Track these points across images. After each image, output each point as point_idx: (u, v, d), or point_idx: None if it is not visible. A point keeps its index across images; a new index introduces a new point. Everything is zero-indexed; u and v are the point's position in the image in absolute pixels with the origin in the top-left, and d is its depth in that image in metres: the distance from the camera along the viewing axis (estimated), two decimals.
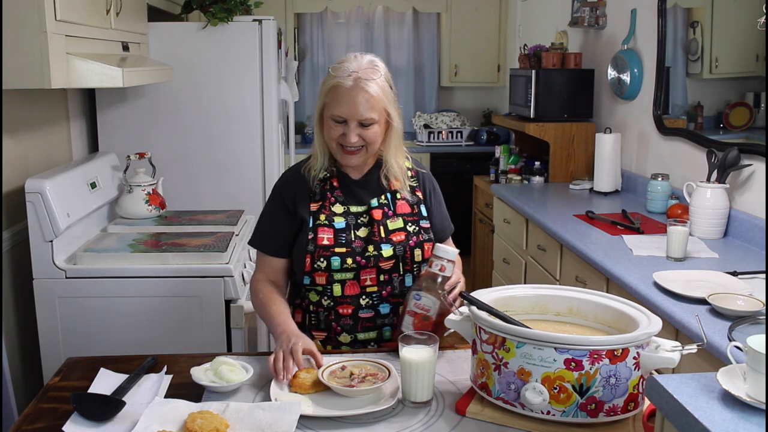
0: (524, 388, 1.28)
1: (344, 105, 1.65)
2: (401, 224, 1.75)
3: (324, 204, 1.74)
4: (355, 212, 1.75)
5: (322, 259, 1.68)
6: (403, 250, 1.72)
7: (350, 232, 1.71)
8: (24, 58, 1.99)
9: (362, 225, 1.73)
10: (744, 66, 2.74)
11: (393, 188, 1.78)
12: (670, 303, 1.93)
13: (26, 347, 2.40)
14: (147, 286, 2.23)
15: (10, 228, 2.34)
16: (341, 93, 1.65)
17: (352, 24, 5.98)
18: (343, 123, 1.67)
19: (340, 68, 1.68)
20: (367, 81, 1.65)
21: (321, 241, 1.69)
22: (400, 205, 1.77)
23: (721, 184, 2.61)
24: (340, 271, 1.69)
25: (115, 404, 1.40)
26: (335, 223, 1.72)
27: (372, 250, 1.70)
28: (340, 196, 1.75)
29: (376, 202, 1.75)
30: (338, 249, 1.69)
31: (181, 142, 3.20)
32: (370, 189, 1.77)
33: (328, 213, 1.73)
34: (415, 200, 1.80)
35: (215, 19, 3.10)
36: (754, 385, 1.05)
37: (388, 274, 1.72)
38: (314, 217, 1.72)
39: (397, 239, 1.72)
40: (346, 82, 1.65)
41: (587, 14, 3.87)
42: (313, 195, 1.75)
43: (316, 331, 1.76)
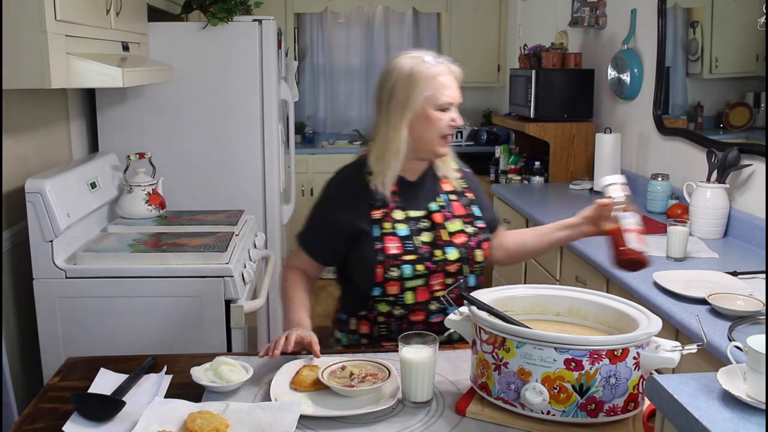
0: (524, 388, 1.28)
1: (448, 89, 1.68)
2: (460, 226, 1.75)
3: (386, 211, 1.71)
4: (414, 217, 1.73)
5: (393, 268, 1.66)
6: (466, 252, 1.73)
7: (415, 238, 1.70)
8: (24, 58, 1.99)
9: (424, 230, 1.72)
10: (744, 66, 2.74)
11: (445, 190, 1.79)
12: (670, 303, 1.93)
13: (26, 347, 2.40)
14: (147, 286, 2.23)
15: (10, 228, 2.34)
16: (442, 78, 1.68)
17: (352, 24, 5.97)
18: (446, 110, 1.69)
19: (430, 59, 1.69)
20: (450, 65, 1.71)
21: (389, 251, 1.67)
22: (455, 207, 1.78)
23: (721, 184, 2.61)
24: (411, 278, 1.68)
25: (115, 404, 1.40)
26: (399, 231, 1.70)
27: (439, 255, 1.70)
28: (398, 201, 1.73)
29: (435, 206, 1.75)
30: (407, 257, 1.67)
31: (181, 142, 3.20)
32: (425, 191, 1.77)
33: (391, 220, 1.70)
34: (466, 201, 1.81)
35: (215, 19, 3.10)
36: (754, 385, 1.05)
37: (453, 276, 1.72)
38: (378, 226, 1.69)
39: (459, 241, 1.73)
40: (441, 68, 1.69)
41: (587, 14, 3.87)
42: (374, 203, 1.71)
43: (387, 341, 1.74)
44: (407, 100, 1.66)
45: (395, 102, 1.68)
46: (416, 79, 1.66)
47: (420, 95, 1.66)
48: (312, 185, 5.58)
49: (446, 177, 1.80)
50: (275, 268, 3.07)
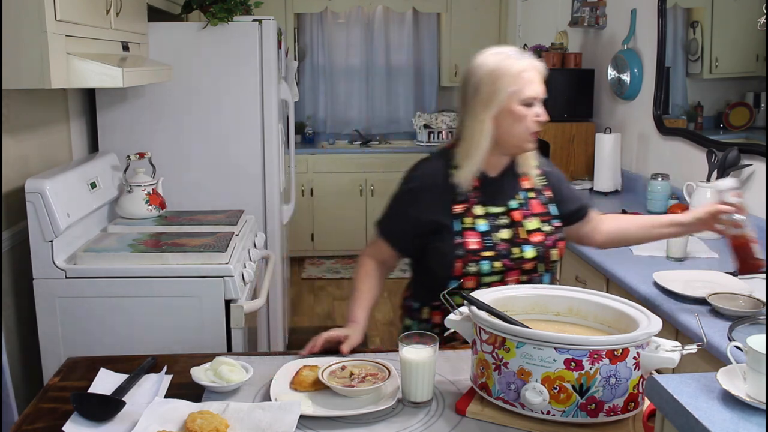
0: (524, 388, 1.28)
1: (534, 84, 1.67)
2: (537, 224, 1.76)
3: (468, 206, 1.72)
4: (494, 213, 1.74)
5: (472, 263, 1.68)
6: (543, 250, 1.74)
7: (494, 235, 1.71)
8: (24, 58, 1.98)
9: (502, 226, 1.73)
10: (744, 66, 2.74)
11: (524, 187, 1.79)
12: (670, 303, 1.93)
13: (26, 347, 2.40)
14: (147, 286, 2.23)
15: (10, 228, 2.34)
16: (527, 74, 1.67)
17: (352, 24, 5.98)
18: (531, 106, 1.68)
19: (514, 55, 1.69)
20: (538, 62, 1.70)
21: (469, 246, 1.69)
22: (533, 205, 1.78)
23: None
24: (489, 274, 1.70)
25: (115, 404, 1.40)
26: (479, 226, 1.71)
27: (517, 252, 1.71)
28: (480, 197, 1.74)
29: (515, 204, 1.76)
30: (486, 253, 1.69)
31: (181, 142, 3.20)
32: (505, 188, 1.77)
33: (472, 215, 1.72)
34: (545, 199, 1.81)
35: (215, 19, 3.09)
36: (754, 385, 1.05)
37: (528, 274, 1.74)
38: (459, 220, 1.71)
39: (536, 240, 1.74)
40: (525, 63, 1.68)
41: (587, 14, 3.87)
42: (456, 195, 1.73)
43: None
44: (492, 95, 1.67)
45: (480, 97, 1.69)
46: (501, 75, 1.67)
47: (505, 90, 1.67)
48: (312, 185, 5.58)
49: (526, 174, 1.80)
50: (275, 268, 3.07)
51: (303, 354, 1.64)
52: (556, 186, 1.85)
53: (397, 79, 6.07)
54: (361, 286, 1.79)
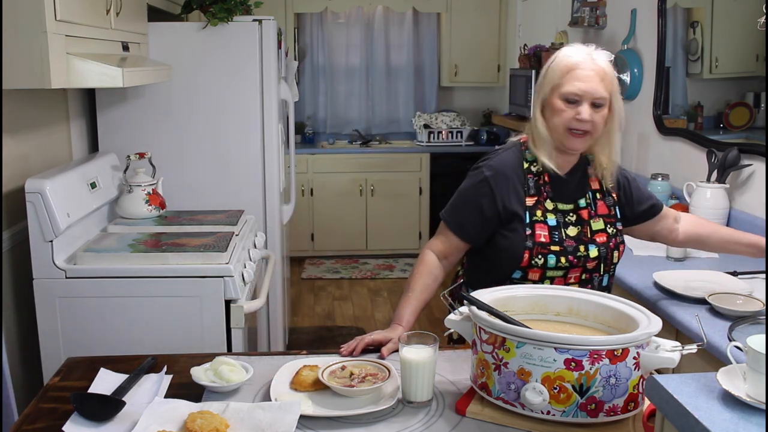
0: (524, 388, 1.28)
1: (580, 81, 1.65)
2: (602, 225, 1.77)
3: (539, 199, 1.73)
4: (562, 210, 1.75)
5: (540, 256, 1.69)
6: (606, 251, 1.75)
7: (561, 231, 1.72)
8: (24, 58, 1.98)
9: (570, 224, 1.74)
10: (744, 66, 2.74)
11: (593, 188, 1.79)
12: (670, 303, 1.93)
13: (26, 347, 2.40)
14: (147, 286, 2.23)
15: (10, 228, 2.34)
16: (576, 69, 1.66)
17: (352, 24, 5.98)
18: (574, 103, 1.66)
19: (573, 49, 1.70)
20: (601, 60, 1.68)
21: (538, 238, 1.70)
22: (599, 206, 1.79)
23: (721, 184, 2.61)
24: (554, 269, 1.71)
25: (115, 404, 1.40)
26: (549, 221, 1.72)
27: (582, 251, 1.72)
28: (550, 192, 1.75)
29: (584, 202, 1.77)
30: (553, 247, 1.70)
31: (181, 142, 3.20)
32: (574, 186, 1.77)
33: (543, 209, 1.73)
34: (611, 202, 1.81)
35: (215, 19, 3.09)
36: (754, 385, 1.05)
37: (590, 273, 1.75)
38: (530, 212, 1.72)
39: (600, 240, 1.75)
40: (579, 58, 1.67)
41: (587, 14, 3.87)
42: (527, 188, 1.74)
43: None
44: (541, 86, 1.72)
45: (536, 87, 1.75)
46: (552, 68, 1.70)
47: (550, 83, 1.69)
48: (312, 185, 5.58)
49: (603, 174, 1.78)
50: (275, 268, 3.07)
51: (343, 354, 1.62)
52: (624, 189, 1.84)
53: (397, 79, 6.07)
54: (415, 285, 1.76)
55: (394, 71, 6.08)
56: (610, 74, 1.68)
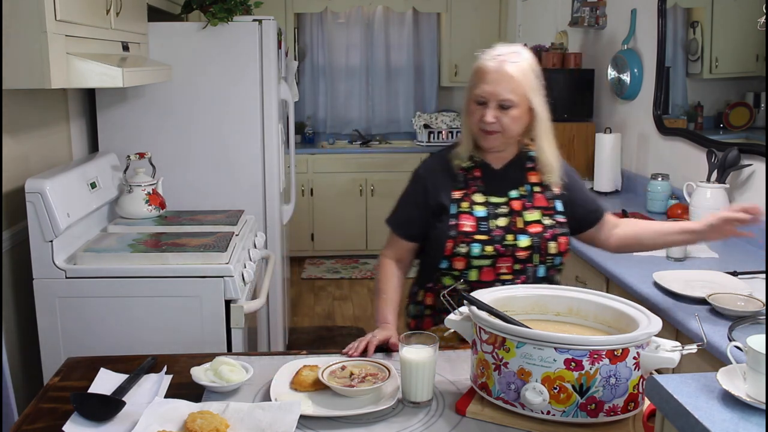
0: (524, 388, 1.28)
1: (486, 84, 1.72)
2: (538, 216, 1.80)
3: (467, 192, 1.79)
4: (494, 202, 1.80)
5: (463, 244, 1.75)
6: (539, 242, 1.78)
7: (490, 221, 1.77)
8: (24, 58, 1.98)
9: (501, 215, 1.78)
10: (744, 66, 2.74)
11: (531, 181, 1.83)
12: (670, 303, 1.93)
13: (26, 347, 2.40)
14: (147, 286, 2.23)
15: (10, 228, 2.34)
16: (483, 73, 1.73)
17: (352, 24, 5.98)
18: (483, 104, 1.73)
19: (486, 53, 1.76)
20: (509, 63, 1.72)
21: (462, 228, 1.75)
22: (537, 198, 1.82)
23: (721, 184, 2.61)
24: (479, 257, 1.75)
25: (115, 404, 1.40)
26: (476, 212, 1.78)
27: (510, 240, 1.76)
28: (481, 186, 1.81)
29: (516, 194, 1.81)
30: (479, 236, 1.75)
31: (181, 142, 3.20)
32: (509, 180, 1.82)
33: (470, 201, 1.79)
34: (551, 195, 1.84)
35: (215, 19, 3.09)
36: (754, 385, 1.05)
37: (523, 263, 1.78)
38: (456, 204, 1.78)
39: (533, 231, 1.78)
40: (490, 64, 1.73)
41: (587, 14, 3.87)
42: (456, 182, 1.81)
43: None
44: (465, 89, 1.81)
45: None
46: (472, 70, 1.78)
47: (468, 85, 1.78)
48: (312, 185, 5.58)
49: (544, 168, 1.82)
50: (275, 268, 3.07)
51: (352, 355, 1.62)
52: (568, 185, 1.87)
53: (397, 79, 6.07)
54: (386, 287, 1.85)
55: (394, 71, 6.07)
56: (519, 76, 1.72)
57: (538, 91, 1.76)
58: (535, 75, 1.76)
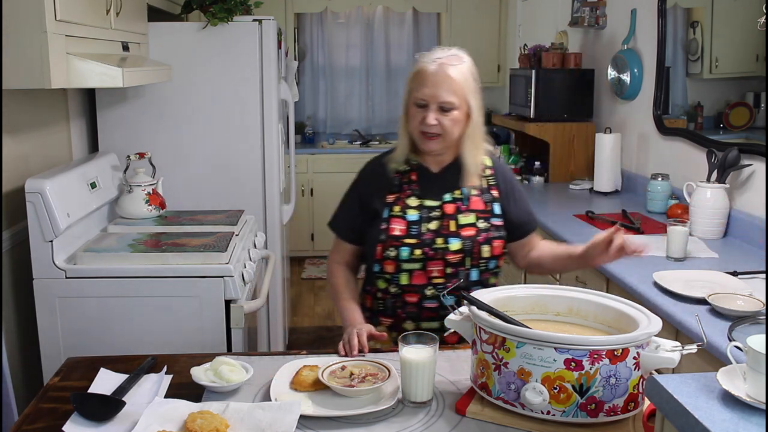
0: (524, 388, 1.28)
1: (426, 87, 1.71)
2: (473, 219, 1.79)
3: (400, 196, 1.80)
4: (429, 206, 1.79)
5: (392, 248, 1.75)
6: (471, 245, 1.76)
7: (422, 225, 1.77)
8: (24, 58, 1.98)
9: (434, 218, 1.78)
10: (744, 66, 2.74)
11: (468, 184, 1.82)
12: (670, 303, 1.93)
13: (26, 347, 2.40)
14: (147, 286, 2.23)
15: (10, 228, 2.34)
16: (424, 76, 1.72)
17: (352, 24, 5.98)
18: (424, 107, 1.72)
19: (426, 55, 1.76)
20: (449, 66, 1.72)
21: (392, 232, 1.76)
22: (473, 201, 1.81)
23: (721, 184, 2.61)
24: (408, 261, 1.75)
25: (115, 404, 1.40)
26: (408, 216, 1.77)
27: (440, 243, 1.75)
28: (416, 190, 1.81)
29: (449, 197, 1.80)
30: (408, 240, 1.75)
31: (181, 142, 3.20)
32: (446, 183, 1.82)
33: (403, 205, 1.79)
34: (489, 198, 1.83)
35: (215, 19, 3.10)
36: (754, 385, 1.05)
37: (455, 267, 1.76)
38: (389, 208, 1.79)
39: (466, 234, 1.77)
40: (430, 66, 1.72)
41: (587, 14, 3.87)
42: (390, 187, 1.81)
43: (383, 316, 1.84)
44: (404, 92, 1.80)
45: None
46: (410, 73, 1.77)
47: (407, 88, 1.77)
48: (312, 185, 5.58)
49: (471, 172, 1.81)
50: (275, 268, 3.07)
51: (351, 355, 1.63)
52: (505, 189, 1.86)
53: (397, 79, 6.07)
54: (342, 290, 1.87)
55: (394, 71, 6.07)
56: (460, 79, 1.71)
57: (477, 95, 1.76)
58: (473, 78, 1.75)
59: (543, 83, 3.81)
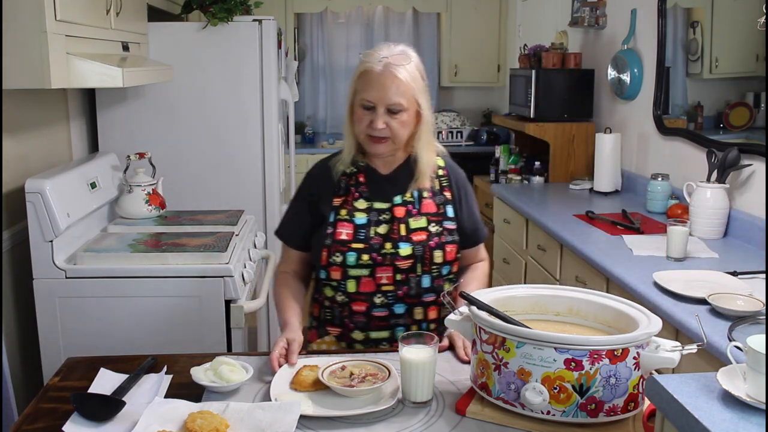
0: (524, 388, 1.28)
1: (373, 89, 1.64)
2: (424, 223, 1.71)
3: (347, 199, 1.72)
4: (378, 208, 1.72)
5: (338, 253, 1.67)
6: (423, 250, 1.69)
7: (370, 229, 1.69)
8: (24, 58, 1.99)
9: (383, 222, 1.70)
10: (744, 66, 2.74)
11: (420, 186, 1.74)
12: (670, 303, 1.93)
13: (26, 347, 2.40)
14: (147, 286, 2.23)
15: (10, 228, 2.34)
16: (371, 77, 1.65)
17: (352, 24, 5.98)
18: (371, 110, 1.65)
19: (371, 54, 1.68)
20: (397, 66, 1.64)
21: (339, 236, 1.68)
22: (425, 204, 1.73)
23: (721, 184, 2.61)
24: (355, 267, 1.67)
25: (115, 404, 1.40)
26: (356, 219, 1.70)
27: (389, 248, 1.67)
28: (365, 192, 1.73)
29: (399, 200, 1.72)
30: (355, 245, 1.67)
31: (181, 142, 3.20)
32: (397, 185, 1.74)
33: (350, 208, 1.71)
34: (442, 200, 1.76)
35: (215, 19, 3.10)
36: (754, 385, 1.05)
37: (405, 273, 1.69)
38: (335, 211, 1.71)
39: (417, 238, 1.69)
40: (376, 67, 1.65)
41: (587, 14, 3.87)
42: (337, 189, 1.73)
43: (331, 326, 1.76)
44: (348, 92, 1.73)
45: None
46: (355, 73, 1.71)
47: (352, 88, 1.70)
48: None
49: (424, 173, 1.74)
50: (275, 268, 3.06)
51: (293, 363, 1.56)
52: (458, 192, 1.79)
53: None
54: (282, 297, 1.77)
55: None
56: (408, 79, 1.64)
57: (426, 93, 1.69)
58: (421, 77, 1.68)
59: (543, 83, 3.82)
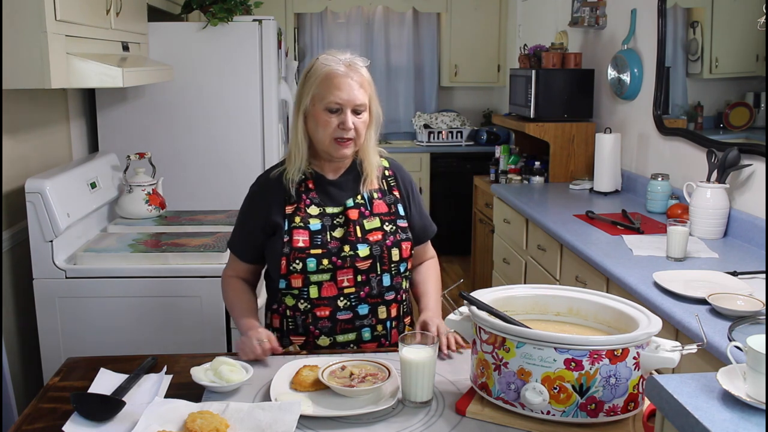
0: (524, 388, 1.28)
1: (341, 90, 1.64)
2: (378, 224, 1.73)
3: (299, 206, 1.71)
4: (330, 213, 1.72)
5: (298, 261, 1.67)
6: (380, 250, 1.70)
7: (326, 234, 1.69)
8: (24, 58, 1.99)
9: (338, 226, 1.71)
10: (744, 66, 2.74)
11: (369, 188, 1.76)
12: (670, 303, 1.93)
13: (26, 347, 2.40)
14: (147, 286, 2.23)
15: (10, 228, 2.34)
16: (336, 80, 1.65)
17: (352, 24, 5.98)
18: (337, 112, 1.66)
19: (328, 59, 1.69)
20: (359, 66, 1.68)
21: (296, 243, 1.67)
22: (377, 205, 1.75)
23: (721, 184, 2.60)
24: (316, 272, 1.67)
25: (115, 404, 1.40)
26: (310, 225, 1.69)
27: (348, 250, 1.68)
28: (315, 198, 1.73)
29: (351, 202, 1.73)
30: (314, 250, 1.67)
31: (181, 142, 3.20)
32: (346, 189, 1.75)
33: (303, 215, 1.70)
34: (392, 200, 1.78)
35: (215, 19, 3.10)
36: (754, 385, 1.05)
37: (365, 274, 1.70)
38: (289, 220, 1.70)
39: (373, 239, 1.70)
40: (340, 69, 1.66)
41: (587, 14, 3.87)
42: (288, 198, 1.72)
43: (294, 335, 1.74)
44: (300, 97, 1.70)
45: (296, 97, 1.72)
46: (310, 77, 1.69)
47: (309, 93, 1.68)
48: None
49: (372, 174, 1.76)
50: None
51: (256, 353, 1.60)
52: (406, 190, 1.82)
53: (397, 79, 6.07)
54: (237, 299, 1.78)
55: (394, 71, 6.07)
56: (368, 79, 1.70)
57: (376, 94, 1.74)
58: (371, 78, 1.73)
59: (543, 83, 3.82)
